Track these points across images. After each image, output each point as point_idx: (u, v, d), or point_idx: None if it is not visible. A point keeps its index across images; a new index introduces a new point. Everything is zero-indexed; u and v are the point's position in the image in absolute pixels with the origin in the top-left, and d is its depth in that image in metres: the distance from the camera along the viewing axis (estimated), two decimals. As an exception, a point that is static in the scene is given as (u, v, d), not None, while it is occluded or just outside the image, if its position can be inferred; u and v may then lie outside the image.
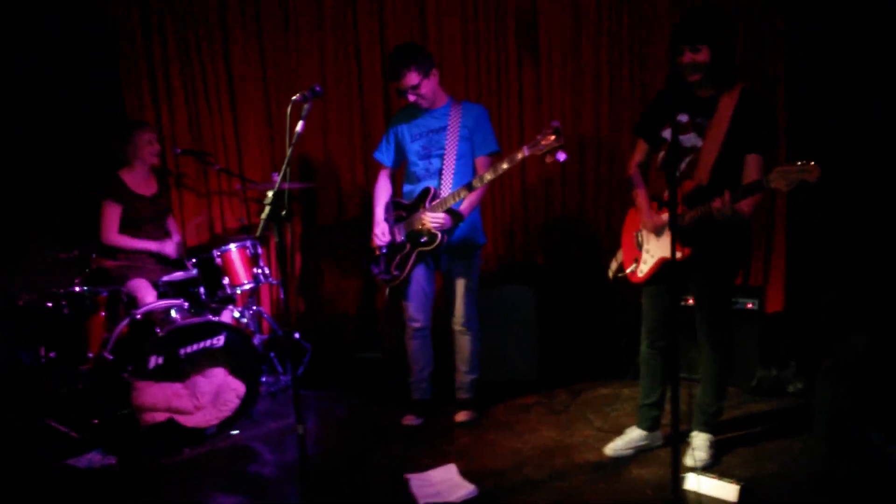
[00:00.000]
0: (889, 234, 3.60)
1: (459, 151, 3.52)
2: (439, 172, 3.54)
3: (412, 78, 3.41)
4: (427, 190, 3.51)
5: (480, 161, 3.57)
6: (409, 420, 3.72)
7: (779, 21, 4.21)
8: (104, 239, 4.03)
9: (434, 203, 3.46)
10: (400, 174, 3.82)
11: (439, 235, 3.46)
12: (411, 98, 3.47)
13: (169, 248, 4.11)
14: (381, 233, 3.63)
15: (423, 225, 3.48)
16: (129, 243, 4.06)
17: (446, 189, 3.49)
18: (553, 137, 3.13)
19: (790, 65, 4.23)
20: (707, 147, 2.88)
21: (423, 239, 3.49)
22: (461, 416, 3.69)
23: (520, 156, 3.23)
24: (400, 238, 3.60)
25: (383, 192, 3.74)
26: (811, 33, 4.07)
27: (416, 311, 3.70)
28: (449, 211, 3.44)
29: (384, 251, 3.65)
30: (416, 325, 3.73)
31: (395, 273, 3.59)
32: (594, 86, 4.54)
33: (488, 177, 3.33)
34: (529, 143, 3.21)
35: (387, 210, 3.69)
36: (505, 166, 3.27)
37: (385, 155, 3.73)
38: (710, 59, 2.80)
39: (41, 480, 3.26)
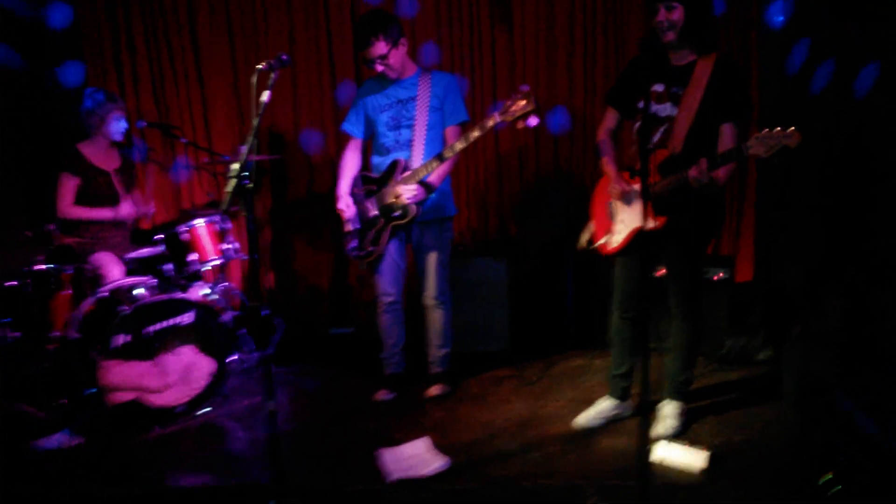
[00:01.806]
0: (862, 202, 3.63)
1: (430, 122, 3.47)
2: (409, 143, 3.48)
3: (380, 47, 3.34)
4: (396, 162, 3.46)
5: (450, 131, 3.52)
6: (382, 395, 3.71)
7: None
8: (59, 212, 3.92)
9: (405, 175, 3.42)
10: (368, 146, 3.76)
11: (413, 208, 3.41)
12: (379, 68, 3.40)
13: (124, 210, 3.97)
14: (346, 206, 3.57)
15: (396, 198, 3.43)
16: (84, 213, 3.95)
17: (417, 160, 3.44)
18: (524, 102, 3.10)
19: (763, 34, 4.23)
20: (681, 116, 2.86)
21: (397, 212, 3.44)
22: (434, 391, 3.69)
23: (490, 122, 3.19)
24: (373, 212, 3.54)
25: (351, 164, 3.67)
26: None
27: (389, 284, 3.67)
28: (421, 182, 3.40)
29: (357, 226, 3.59)
30: (389, 299, 3.70)
31: (371, 249, 3.54)
32: (568, 53, 4.50)
33: (459, 146, 3.29)
34: (500, 109, 3.16)
35: (356, 184, 3.63)
36: (476, 134, 3.23)
37: (355, 126, 3.65)
38: (684, 19, 2.76)
39: (8, 461, 3.20)
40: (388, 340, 3.77)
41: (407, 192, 3.39)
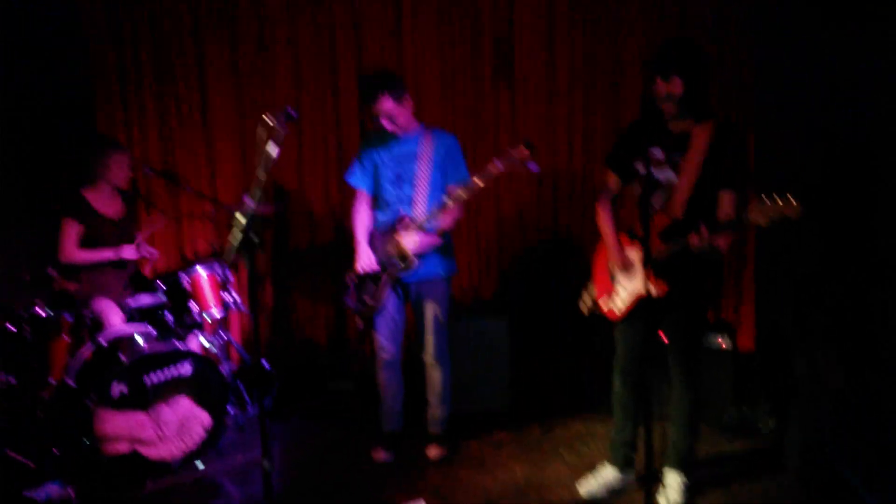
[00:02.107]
0: (859, 272, 3.65)
1: (432, 179, 3.49)
2: (410, 199, 3.50)
3: (386, 103, 3.39)
4: (400, 217, 3.47)
5: (452, 190, 3.56)
6: (380, 455, 3.65)
7: (750, 61, 4.30)
8: (61, 257, 3.91)
9: (409, 227, 3.42)
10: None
11: (413, 257, 3.41)
12: (385, 123, 3.45)
13: (127, 251, 3.96)
14: (362, 259, 3.53)
15: (396, 248, 3.43)
16: (87, 256, 3.93)
17: (419, 215, 3.46)
18: (522, 149, 3.16)
19: (760, 105, 4.31)
20: (681, 182, 2.89)
21: (400, 265, 3.44)
22: (432, 452, 3.63)
23: (492, 169, 3.22)
24: (374, 267, 3.54)
25: (364, 217, 3.62)
26: (781, 73, 4.16)
27: (386, 340, 3.65)
28: (424, 232, 3.41)
29: (356, 281, 3.59)
30: (385, 355, 3.67)
31: (369, 302, 3.53)
32: (568, 114, 4.58)
33: (463, 195, 3.30)
34: (502, 156, 3.21)
35: (372, 238, 3.60)
36: (479, 183, 3.26)
37: (361, 180, 3.64)
38: (683, 91, 2.81)
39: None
40: (386, 397, 3.73)
41: (409, 241, 3.40)
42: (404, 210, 3.49)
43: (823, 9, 3.86)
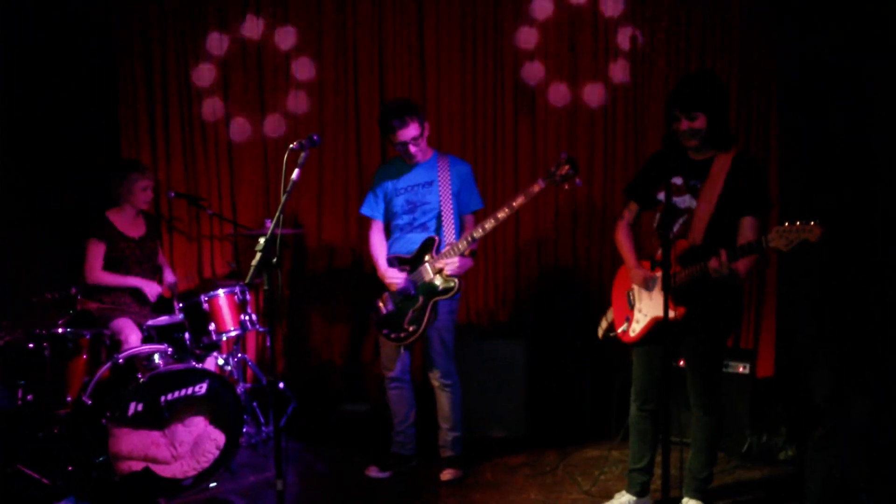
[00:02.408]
0: (884, 300, 3.60)
1: (453, 204, 3.52)
2: (424, 226, 3.53)
3: (413, 129, 3.43)
4: (431, 240, 3.48)
5: (468, 219, 3.59)
6: (371, 472, 3.66)
7: (773, 86, 4.30)
8: (87, 278, 3.98)
9: (444, 251, 3.44)
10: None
11: (457, 280, 3.42)
12: (412, 150, 3.47)
13: (150, 288, 4.04)
14: (395, 276, 3.52)
15: (438, 273, 3.43)
16: (114, 280, 4.00)
17: (450, 238, 3.47)
18: (567, 167, 3.22)
19: (783, 132, 4.30)
20: (701, 208, 2.89)
21: (440, 288, 3.44)
22: (446, 475, 3.60)
23: (536, 189, 3.29)
24: (411, 292, 3.52)
25: (380, 245, 3.67)
26: (804, 101, 4.16)
27: (388, 359, 3.65)
28: (461, 256, 3.43)
29: (391, 309, 3.57)
30: (391, 374, 3.67)
31: (412, 329, 3.49)
32: (589, 142, 4.59)
33: (502, 215, 3.33)
34: (545, 174, 3.26)
35: (390, 264, 3.62)
36: (521, 200, 3.30)
37: (375, 210, 3.69)
38: (706, 126, 2.82)
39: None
40: (395, 417, 3.73)
41: (450, 265, 3.40)
42: (418, 238, 3.51)
43: (846, 33, 3.86)
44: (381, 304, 3.61)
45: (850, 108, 3.91)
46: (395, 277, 3.53)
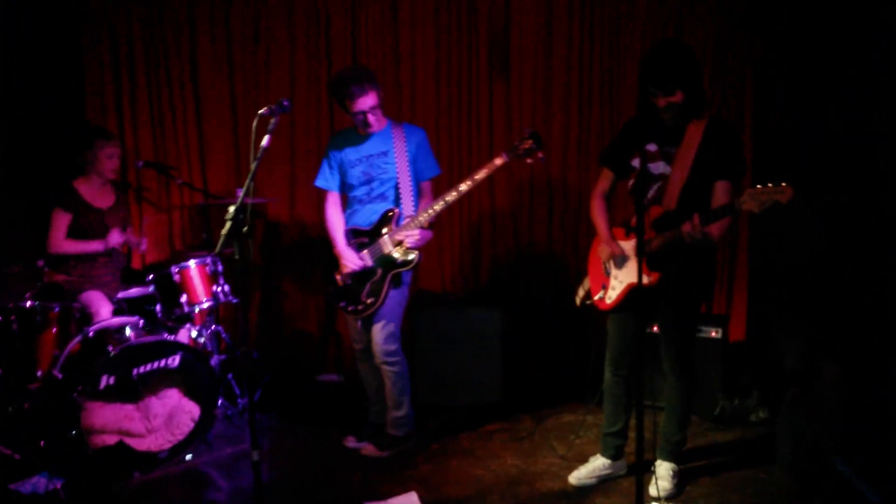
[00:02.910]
0: (857, 263, 3.64)
1: (410, 172, 3.47)
2: (382, 196, 3.48)
3: (372, 98, 3.34)
4: (391, 212, 3.44)
5: (425, 186, 3.54)
6: (349, 442, 3.66)
7: (752, 49, 4.29)
8: (51, 247, 3.89)
9: (405, 222, 3.40)
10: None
11: (416, 253, 3.39)
12: (371, 119, 3.39)
13: (113, 239, 3.93)
14: (350, 259, 3.49)
15: (397, 245, 3.40)
16: (75, 247, 3.91)
17: (409, 208, 3.43)
18: (530, 141, 3.18)
19: (758, 95, 4.30)
20: (675, 174, 2.89)
21: (399, 260, 3.41)
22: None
23: (499, 161, 3.23)
24: (369, 264, 3.48)
25: (337, 219, 3.60)
26: (780, 61, 4.15)
27: (354, 332, 3.63)
28: (421, 228, 3.38)
29: (348, 283, 3.53)
30: (360, 346, 3.65)
31: (369, 301, 3.45)
32: (564, 108, 4.56)
33: (464, 188, 3.28)
34: (507, 149, 3.21)
35: (346, 238, 3.58)
36: (484, 173, 3.25)
37: (331, 181, 3.61)
38: (683, 98, 2.80)
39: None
40: (368, 388, 3.73)
41: (410, 237, 3.36)
42: (378, 208, 3.47)
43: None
44: (338, 277, 3.56)
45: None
46: (350, 261, 3.48)
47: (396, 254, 3.40)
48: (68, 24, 4.52)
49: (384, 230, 3.43)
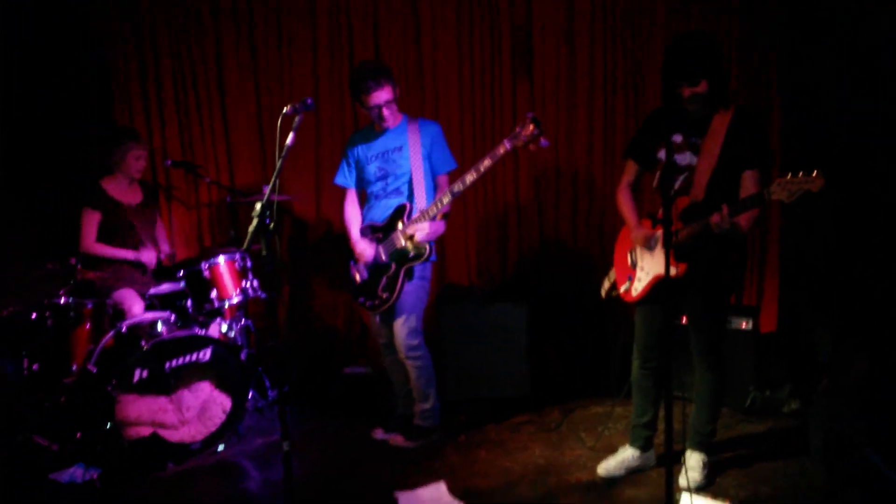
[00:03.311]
0: (888, 253, 3.58)
1: (424, 168, 3.48)
2: (397, 191, 3.50)
3: (387, 93, 3.37)
4: (403, 206, 3.46)
5: (442, 180, 3.55)
6: (376, 434, 3.69)
7: (774, 42, 4.24)
8: (82, 247, 3.96)
9: (416, 216, 3.41)
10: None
11: (428, 246, 3.41)
12: (386, 113, 3.42)
13: (147, 256, 4.02)
14: (364, 248, 3.53)
15: (409, 239, 3.42)
16: (107, 251, 3.98)
17: (421, 203, 3.44)
18: (532, 127, 3.16)
19: (784, 85, 4.25)
20: (702, 164, 2.86)
21: (411, 254, 3.43)
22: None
23: (502, 150, 3.22)
24: (382, 259, 3.51)
25: (354, 214, 3.67)
26: (806, 53, 4.10)
27: (381, 326, 3.65)
28: (431, 221, 3.39)
29: (365, 278, 3.56)
30: (382, 340, 3.68)
31: (384, 296, 3.48)
32: (589, 104, 4.55)
33: (469, 178, 3.28)
34: (509, 135, 3.20)
35: (363, 234, 3.61)
36: (487, 163, 3.24)
37: (348, 179, 3.67)
38: (708, 88, 2.78)
39: (22, 495, 3.17)
40: (394, 382, 3.76)
41: (420, 231, 3.38)
42: (394, 203, 3.48)
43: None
44: (355, 273, 3.61)
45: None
46: (363, 250, 3.52)
47: (409, 247, 3.42)
48: (95, 24, 4.60)
49: (397, 225, 3.45)
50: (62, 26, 4.52)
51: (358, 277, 3.59)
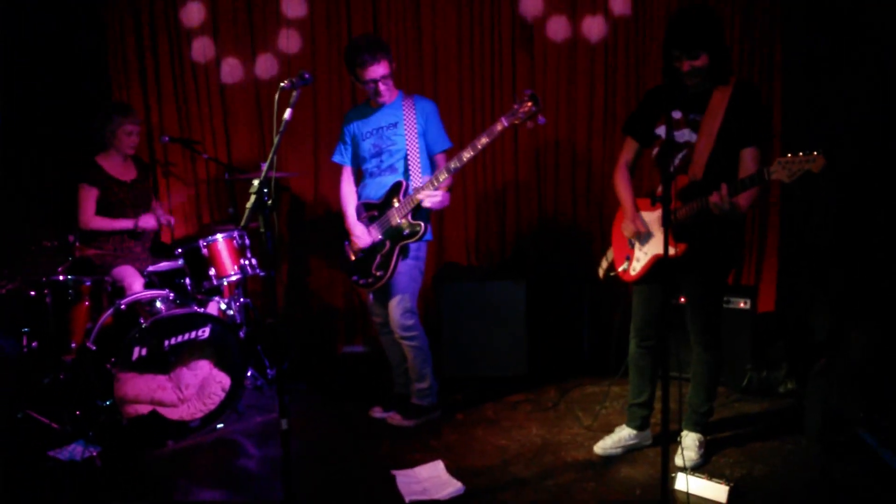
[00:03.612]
0: (888, 234, 3.57)
1: (419, 145, 3.46)
2: (391, 168, 3.49)
3: (383, 67, 3.35)
4: (399, 184, 3.44)
5: (439, 158, 3.53)
6: (375, 412, 3.71)
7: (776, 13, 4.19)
8: (81, 223, 3.96)
9: (424, 184, 3.37)
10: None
11: (423, 224, 3.40)
12: (382, 88, 3.40)
13: (144, 221, 4.01)
14: (360, 234, 3.53)
15: (404, 217, 3.39)
16: (106, 224, 3.98)
17: (417, 180, 3.42)
18: (530, 104, 3.13)
19: (788, 59, 4.20)
20: (701, 142, 2.84)
21: (406, 232, 3.42)
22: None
23: (499, 127, 3.19)
24: (378, 237, 3.50)
25: (351, 194, 3.67)
26: (810, 26, 4.05)
27: (376, 305, 3.66)
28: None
29: (361, 255, 3.56)
30: (378, 319, 3.69)
31: (378, 274, 3.48)
32: (590, 81, 4.51)
33: (466, 155, 3.26)
34: (507, 112, 3.18)
35: (358, 212, 3.60)
36: (485, 140, 3.22)
37: (344, 156, 3.67)
38: (708, 62, 2.75)
39: (21, 472, 3.20)
40: (390, 361, 3.77)
41: (431, 197, 3.34)
42: (389, 180, 3.46)
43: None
44: (349, 251, 3.61)
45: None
46: (359, 237, 3.52)
47: (403, 225, 3.41)
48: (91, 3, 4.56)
49: (393, 202, 3.44)
50: (59, 4, 4.47)
51: (352, 255, 3.59)
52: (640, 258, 3.05)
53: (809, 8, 4.05)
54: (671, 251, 2.74)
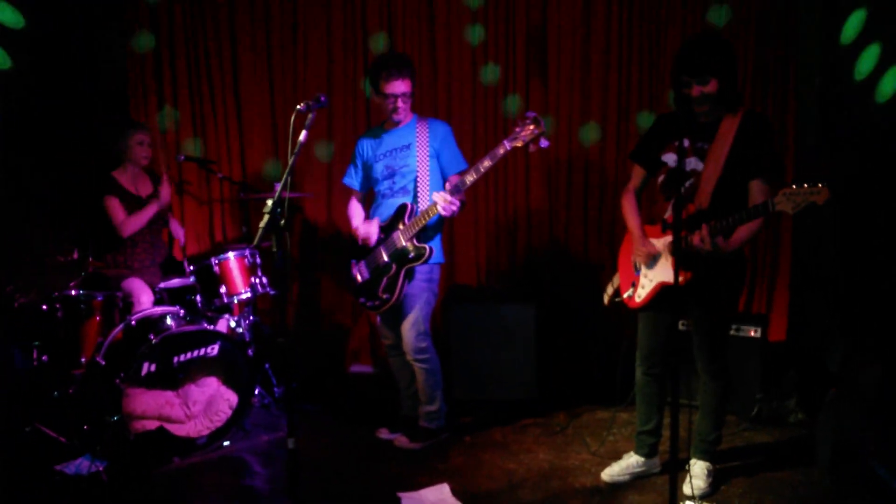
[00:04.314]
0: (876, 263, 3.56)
1: (431, 167, 3.48)
2: (404, 190, 3.50)
3: (407, 85, 3.39)
4: (403, 206, 3.45)
5: (454, 180, 3.51)
6: (381, 434, 3.69)
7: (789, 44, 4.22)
8: (121, 231, 3.97)
9: (417, 217, 3.37)
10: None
11: (429, 247, 3.40)
12: (401, 105, 3.43)
13: (164, 193, 4.04)
14: (365, 233, 3.53)
15: (409, 240, 3.39)
16: (139, 220, 4.00)
17: (424, 203, 3.43)
18: (532, 127, 3.13)
19: (801, 90, 4.22)
20: (708, 171, 2.84)
21: (411, 255, 3.42)
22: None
23: (502, 150, 3.20)
24: (383, 260, 3.50)
25: (357, 209, 3.74)
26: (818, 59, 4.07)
27: (384, 327, 3.66)
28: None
29: (367, 277, 3.57)
30: (388, 341, 3.69)
31: (385, 297, 3.48)
32: (602, 104, 4.53)
33: (470, 178, 3.27)
34: (509, 135, 3.18)
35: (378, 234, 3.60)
36: (487, 164, 3.22)
37: (354, 179, 3.71)
38: (718, 90, 2.77)
39: (28, 486, 3.20)
40: (398, 382, 3.76)
41: (444, 200, 3.28)
42: (403, 201, 3.48)
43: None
44: (356, 273, 3.61)
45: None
46: (366, 230, 3.52)
47: (409, 248, 3.41)
48: (113, 18, 4.64)
49: (398, 224, 3.45)
50: (80, 25, 4.57)
51: (359, 277, 3.60)
52: (646, 285, 3.04)
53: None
54: (679, 279, 2.72)
